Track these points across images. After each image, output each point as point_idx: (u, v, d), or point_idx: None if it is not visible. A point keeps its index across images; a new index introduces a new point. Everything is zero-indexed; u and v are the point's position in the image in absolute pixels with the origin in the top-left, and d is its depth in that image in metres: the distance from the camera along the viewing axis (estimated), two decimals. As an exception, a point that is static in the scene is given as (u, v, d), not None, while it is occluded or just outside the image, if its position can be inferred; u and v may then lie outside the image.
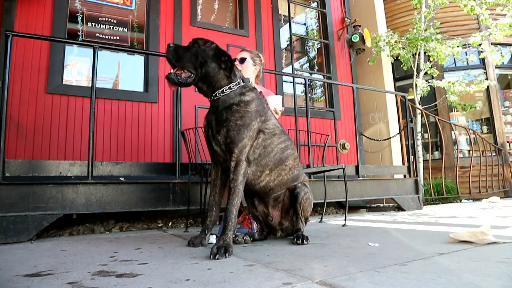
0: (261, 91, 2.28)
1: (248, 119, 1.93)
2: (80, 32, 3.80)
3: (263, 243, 2.10)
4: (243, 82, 2.03)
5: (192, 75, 1.95)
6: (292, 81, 4.72)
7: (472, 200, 6.06)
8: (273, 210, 2.18)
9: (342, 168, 3.12)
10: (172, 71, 1.95)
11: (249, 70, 2.69)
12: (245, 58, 2.70)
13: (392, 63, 6.12)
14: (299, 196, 2.11)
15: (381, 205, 5.10)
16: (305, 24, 5.93)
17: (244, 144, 1.89)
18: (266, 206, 2.18)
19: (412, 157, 4.56)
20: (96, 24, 3.90)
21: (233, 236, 2.21)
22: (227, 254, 1.63)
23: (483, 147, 6.47)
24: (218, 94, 1.99)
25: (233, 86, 1.99)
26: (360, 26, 5.64)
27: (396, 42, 5.84)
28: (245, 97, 1.99)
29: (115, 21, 4.00)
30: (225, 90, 1.98)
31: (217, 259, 1.58)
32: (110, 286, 1.18)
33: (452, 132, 6.68)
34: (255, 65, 2.72)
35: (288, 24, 5.21)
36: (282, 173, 2.10)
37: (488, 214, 3.53)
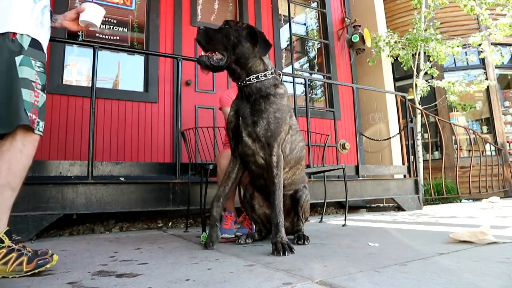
0: None
1: (284, 113, 1.88)
2: (80, 32, 3.80)
3: (263, 243, 2.10)
4: (275, 73, 1.97)
5: (224, 57, 1.86)
6: (292, 81, 4.72)
7: (472, 200, 6.06)
8: None
9: (342, 168, 3.12)
10: (203, 53, 1.87)
11: None
12: None
13: (392, 63, 6.12)
14: (301, 200, 2.10)
15: (381, 205, 5.10)
16: (305, 24, 5.93)
17: (281, 138, 1.87)
18: (269, 207, 2.17)
19: (412, 157, 4.56)
20: (96, 24, 3.89)
21: (236, 237, 2.22)
22: (293, 250, 1.66)
23: (483, 147, 6.47)
24: (252, 79, 1.89)
25: (268, 74, 1.91)
26: (360, 26, 5.63)
27: (396, 42, 5.84)
28: (279, 89, 1.93)
29: (115, 21, 4.00)
30: (261, 76, 1.89)
31: (286, 255, 1.61)
32: (110, 286, 1.18)
33: (452, 132, 6.67)
34: None
35: (288, 24, 5.21)
36: (296, 172, 2.09)
37: (488, 214, 3.53)
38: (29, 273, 1.33)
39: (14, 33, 1.40)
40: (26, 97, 1.39)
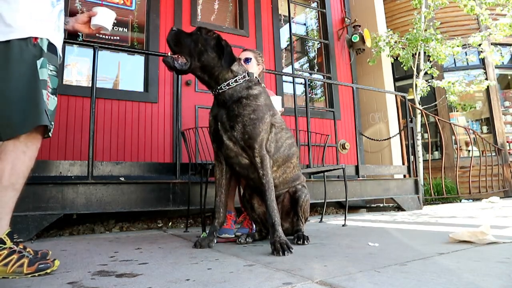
0: None
1: (261, 113, 1.91)
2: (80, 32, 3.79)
3: (263, 243, 2.10)
4: (248, 76, 2.01)
5: (188, 62, 1.91)
6: (292, 81, 4.72)
7: (472, 200, 6.06)
8: None
9: (342, 168, 3.12)
10: (169, 53, 1.93)
11: (253, 70, 2.67)
12: (250, 58, 2.66)
13: (392, 63, 6.12)
14: (300, 200, 2.10)
15: (381, 205, 5.10)
16: (305, 24, 5.93)
17: (262, 138, 1.89)
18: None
19: (412, 157, 4.56)
20: (96, 24, 3.89)
21: (236, 237, 2.22)
22: (291, 250, 1.67)
23: (483, 147, 6.48)
24: (224, 87, 1.94)
25: (239, 79, 1.95)
26: (360, 26, 5.63)
27: (396, 42, 5.84)
28: (252, 90, 1.96)
29: (115, 21, 3.98)
30: (231, 83, 1.94)
31: (286, 255, 1.62)
32: (110, 286, 1.18)
33: (452, 132, 6.67)
34: (258, 64, 2.71)
35: (288, 24, 5.21)
36: (287, 171, 2.10)
37: (488, 214, 3.53)
38: (29, 276, 1.34)
39: (36, 38, 1.46)
40: (45, 98, 1.45)
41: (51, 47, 1.53)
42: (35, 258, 1.38)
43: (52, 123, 1.53)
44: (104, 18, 1.85)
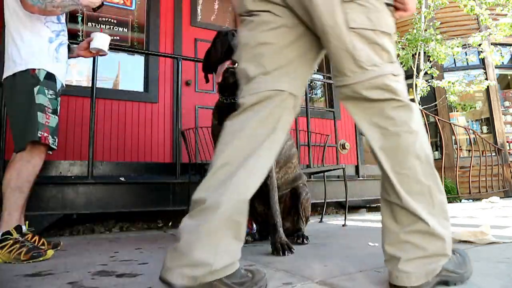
0: None
1: None
2: (80, 32, 3.80)
3: (263, 243, 2.10)
4: None
5: None
6: (292, 81, 4.71)
7: (472, 200, 6.06)
8: None
9: (342, 168, 3.11)
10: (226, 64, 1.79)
11: None
12: None
13: (392, 63, 6.11)
14: (301, 196, 2.11)
15: (381, 205, 5.09)
16: (305, 24, 5.92)
17: None
18: (268, 207, 2.17)
19: (412, 157, 4.54)
20: (96, 24, 3.90)
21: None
22: (292, 250, 1.67)
23: (483, 147, 6.47)
24: None
25: None
26: (360, 26, 5.63)
27: (396, 42, 5.84)
28: None
29: (115, 21, 4.00)
30: None
31: (286, 255, 1.62)
32: (110, 286, 1.18)
33: (452, 132, 6.66)
34: None
35: (288, 24, 5.20)
36: (288, 171, 2.11)
37: (488, 214, 3.53)
38: (25, 262, 1.60)
39: (33, 69, 1.80)
40: (39, 119, 1.79)
41: (50, 75, 1.85)
42: (32, 248, 1.65)
43: (55, 137, 1.86)
44: (101, 42, 2.08)
